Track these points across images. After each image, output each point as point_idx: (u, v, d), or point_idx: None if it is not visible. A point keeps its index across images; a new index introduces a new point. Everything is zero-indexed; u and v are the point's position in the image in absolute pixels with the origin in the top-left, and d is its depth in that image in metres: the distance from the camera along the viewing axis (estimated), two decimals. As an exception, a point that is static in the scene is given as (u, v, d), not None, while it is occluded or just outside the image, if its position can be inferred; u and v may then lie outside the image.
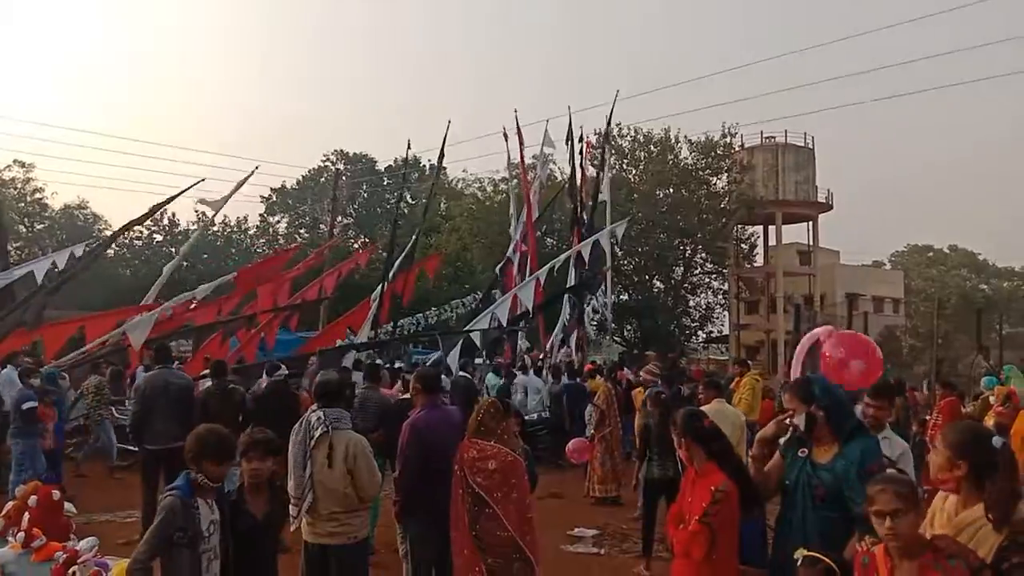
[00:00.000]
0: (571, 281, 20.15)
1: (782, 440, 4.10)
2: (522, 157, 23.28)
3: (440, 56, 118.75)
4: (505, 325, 16.75)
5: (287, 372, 10.18)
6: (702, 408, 6.07)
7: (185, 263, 45.94)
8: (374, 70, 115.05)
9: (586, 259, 19.55)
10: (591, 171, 26.77)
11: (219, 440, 3.93)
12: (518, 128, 22.54)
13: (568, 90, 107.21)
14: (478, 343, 15.25)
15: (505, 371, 15.45)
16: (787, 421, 4.02)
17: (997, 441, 3.12)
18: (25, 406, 9.91)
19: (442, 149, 20.54)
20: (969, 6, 42.69)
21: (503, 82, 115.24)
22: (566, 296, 19.96)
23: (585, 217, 22.32)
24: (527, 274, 20.12)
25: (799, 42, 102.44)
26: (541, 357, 18.65)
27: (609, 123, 25.44)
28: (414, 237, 21.37)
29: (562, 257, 19.82)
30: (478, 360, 15.43)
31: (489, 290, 21.78)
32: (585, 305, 20.73)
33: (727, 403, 8.93)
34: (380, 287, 18.93)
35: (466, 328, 15.95)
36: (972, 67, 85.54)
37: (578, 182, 22.72)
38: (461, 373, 14.21)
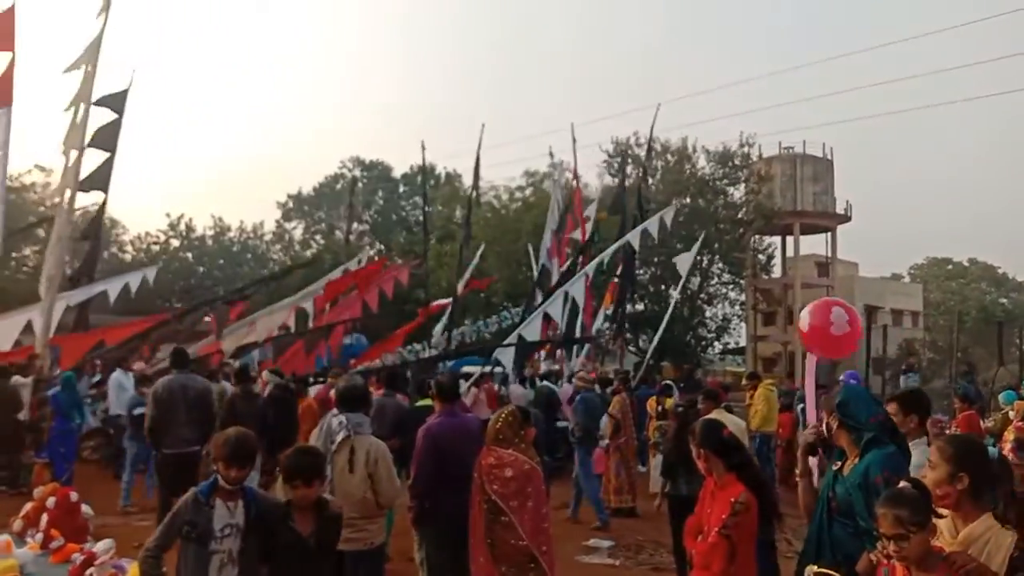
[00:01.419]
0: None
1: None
2: (575, 167, 24.21)
3: (455, 63, 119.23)
4: (560, 322, 17.07)
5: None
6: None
7: (202, 268, 46.40)
8: (389, 77, 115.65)
9: (636, 248, 19.85)
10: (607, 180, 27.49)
11: (234, 444, 3.92)
12: (573, 139, 23.71)
13: (586, 99, 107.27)
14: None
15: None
16: (818, 429, 4.01)
17: (993, 452, 3.11)
18: (136, 411, 10.48)
19: (478, 153, 20.80)
20: (993, 18, 42.47)
21: (518, 91, 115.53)
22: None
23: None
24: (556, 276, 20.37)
25: (819, 52, 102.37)
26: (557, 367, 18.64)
27: (651, 136, 27.44)
28: (479, 253, 21.74)
29: (609, 250, 19.91)
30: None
31: (531, 295, 21.88)
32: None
33: (726, 412, 8.87)
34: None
35: (519, 333, 16.14)
36: (997, 78, 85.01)
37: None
38: (544, 382, 14.45)
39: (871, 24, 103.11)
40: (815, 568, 3.30)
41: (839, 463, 3.83)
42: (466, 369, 15.64)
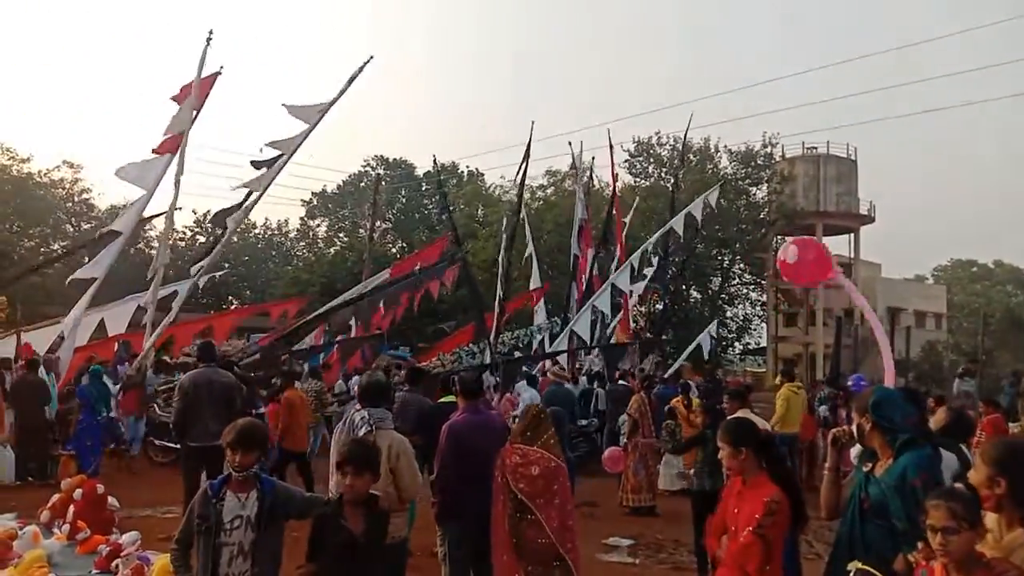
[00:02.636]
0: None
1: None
2: (613, 169, 24.22)
3: (478, 61, 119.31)
4: (609, 314, 17.44)
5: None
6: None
7: (227, 264, 46.71)
8: (413, 75, 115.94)
9: (680, 232, 20.02)
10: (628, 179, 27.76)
11: (239, 430, 3.97)
12: (610, 144, 24.35)
13: (607, 98, 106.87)
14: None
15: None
16: (843, 430, 3.97)
17: None
18: (258, 411, 11.00)
19: (527, 150, 20.84)
20: (1020, 18, 41.93)
21: (539, 90, 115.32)
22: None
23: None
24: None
25: (844, 52, 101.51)
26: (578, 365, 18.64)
27: (685, 141, 28.62)
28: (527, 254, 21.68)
29: (654, 238, 19.96)
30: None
31: (568, 289, 21.97)
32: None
33: (751, 413, 8.85)
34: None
35: (571, 329, 16.36)
36: (1019, 79, 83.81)
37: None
38: (621, 382, 14.92)
39: (896, 24, 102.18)
40: (859, 564, 3.26)
41: (869, 464, 3.79)
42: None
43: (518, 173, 21.92)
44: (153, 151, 14.40)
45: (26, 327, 14.73)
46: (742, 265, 39.83)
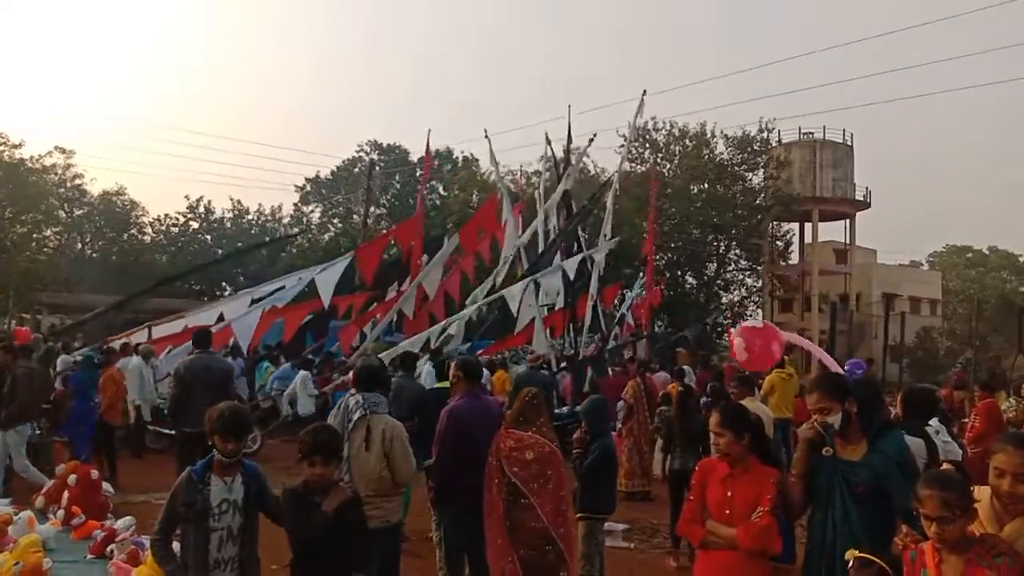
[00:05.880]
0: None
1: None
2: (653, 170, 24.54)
3: (474, 46, 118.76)
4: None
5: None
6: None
7: (220, 251, 46.63)
8: (406, 59, 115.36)
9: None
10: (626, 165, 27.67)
11: (228, 417, 3.90)
12: (644, 141, 24.36)
13: (609, 82, 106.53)
14: None
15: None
16: (819, 421, 3.76)
17: None
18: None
19: (569, 134, 20.89)
20: (1017, 1, 41.79)
21: (544, 74, 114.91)
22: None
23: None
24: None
25: (840, 37, 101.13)
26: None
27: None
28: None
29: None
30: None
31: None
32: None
33: (757, 401, 8.89)
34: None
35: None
36: (1020, 63, 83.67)
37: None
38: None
39: (893, 7, 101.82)
40: (856, 552, 3.25)
41: (830, 449, 3.71)
42: None
43: (566, 150, 22.04)
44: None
45: (155, 321, 15.26)
46: (738, 251, 39.81)
